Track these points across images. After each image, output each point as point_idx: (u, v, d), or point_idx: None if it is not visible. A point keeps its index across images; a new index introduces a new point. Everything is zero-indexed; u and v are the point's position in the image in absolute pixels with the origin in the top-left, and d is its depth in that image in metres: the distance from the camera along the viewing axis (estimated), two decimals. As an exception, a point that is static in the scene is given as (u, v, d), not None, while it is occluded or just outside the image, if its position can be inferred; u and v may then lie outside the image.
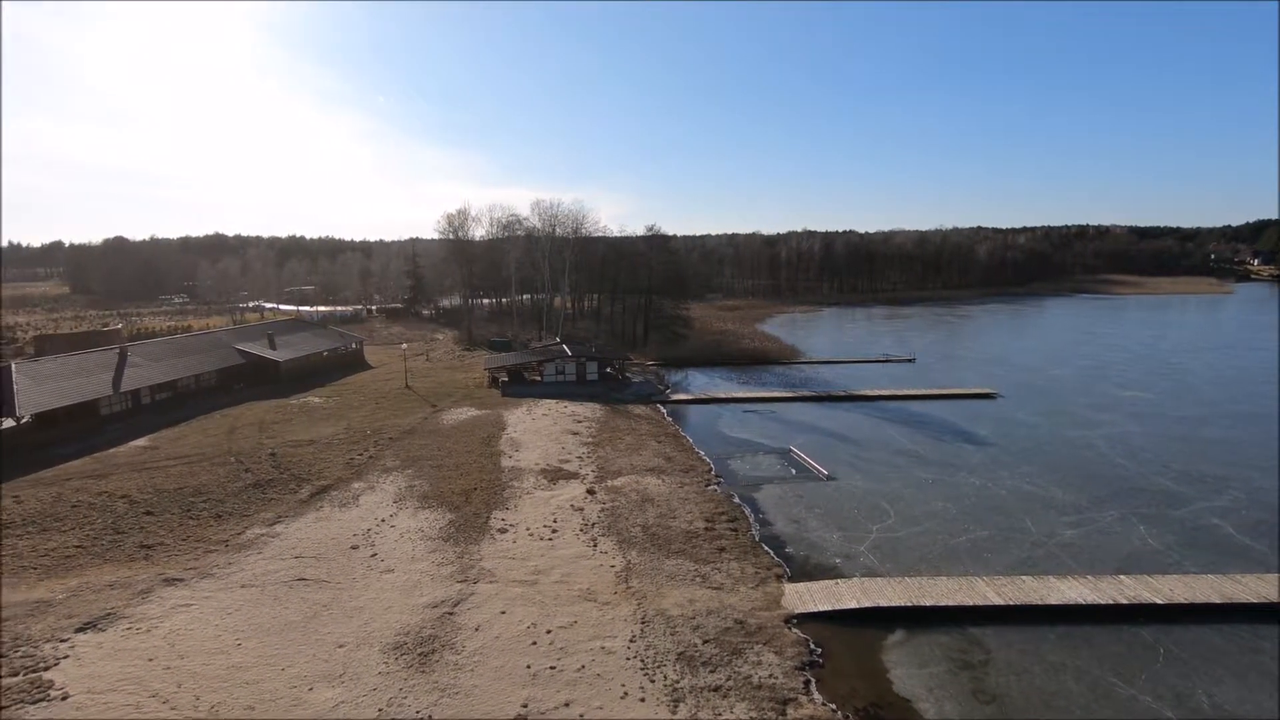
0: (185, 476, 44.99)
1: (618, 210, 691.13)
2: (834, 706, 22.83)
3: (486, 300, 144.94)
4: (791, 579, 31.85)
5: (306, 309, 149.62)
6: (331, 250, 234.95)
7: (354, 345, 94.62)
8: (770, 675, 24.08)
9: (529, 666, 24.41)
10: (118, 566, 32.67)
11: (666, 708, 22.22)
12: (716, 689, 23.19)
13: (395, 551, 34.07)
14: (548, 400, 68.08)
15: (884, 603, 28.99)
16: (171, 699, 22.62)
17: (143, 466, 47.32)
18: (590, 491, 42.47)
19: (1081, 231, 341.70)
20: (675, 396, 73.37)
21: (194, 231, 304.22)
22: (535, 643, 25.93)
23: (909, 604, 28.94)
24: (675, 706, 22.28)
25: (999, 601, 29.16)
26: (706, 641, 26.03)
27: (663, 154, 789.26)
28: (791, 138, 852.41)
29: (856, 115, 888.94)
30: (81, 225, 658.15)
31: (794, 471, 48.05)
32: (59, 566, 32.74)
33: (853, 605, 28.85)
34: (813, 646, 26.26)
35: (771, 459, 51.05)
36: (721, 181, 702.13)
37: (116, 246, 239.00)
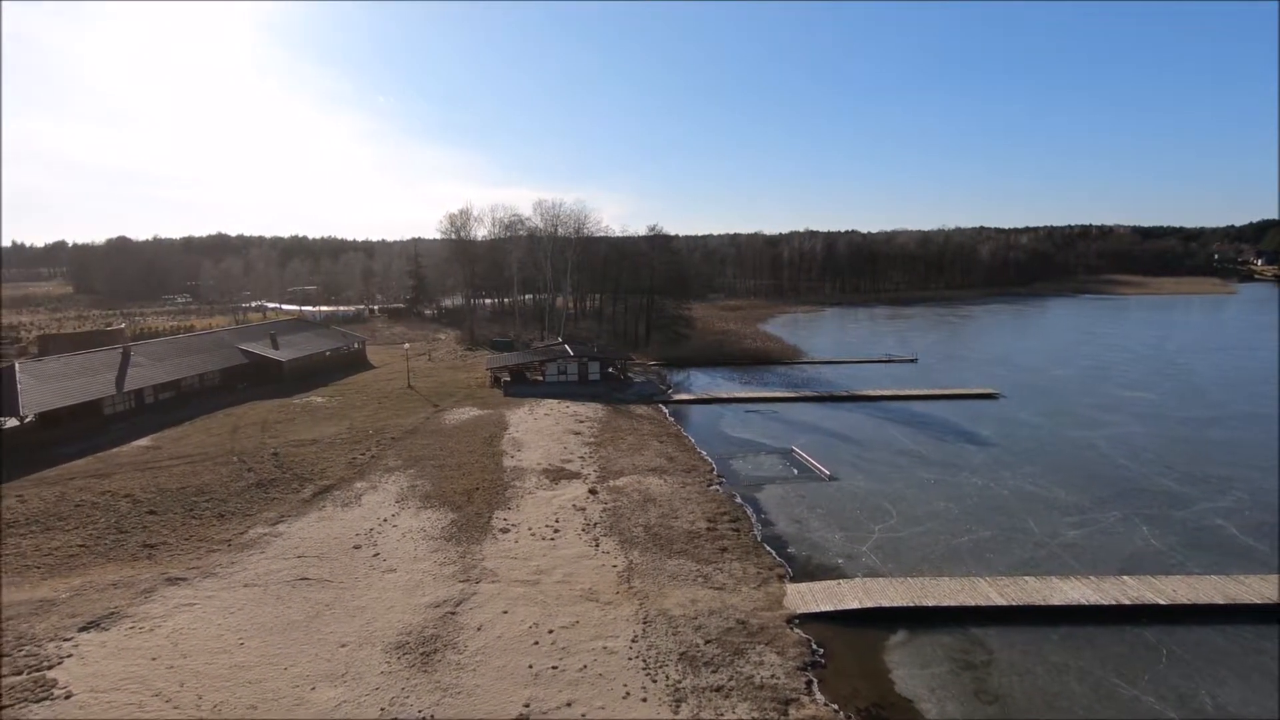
0: (188, 476, 45.10)
1: (618, 210, 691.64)
2: (836, 707, 22.83)
3: (489, 300, 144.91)
4: (793, 579, 31.84)
5: (309, 309, 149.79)
6: (334, 250, 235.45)
7: (356, 345, 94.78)
8: (772, 675, 24.08)
9: (531, 666, 24.43)
10: (121, 566, 32.76)
11: (669, 708, 22.23)
12: (718, 689, 23.19)
13: (397, 551, 34.13)
14: (550, 400, 68.13)
15: (886, 603, 28.97)
16: (174, 698, 22.68)
17: (146, 466, 47.44)
18: (592, 491, 42.48)
19: (1084, 231, 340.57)
20: (677, 396, 73.37)
21: (197, 231, 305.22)
22: (537, 642, 25.95)
23: (911, 604, 28.92)
24: (677, 706, 22.28)
25: (1001, 602, 29.12)
26: (708, 642, 26.03)
27: (662, 154, 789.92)
28: (791, 138, 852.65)
29: (856, 115, 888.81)
30: (85, 225, 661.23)
31: (796, 472, 48.03)
32: (62, 566, 32.85)
33: (855, 605, 28.84)
34: (815, 647, 26.26)
35: (773, 459, 51.03)
36: (722, 181, 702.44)
37: (119, 246, 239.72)
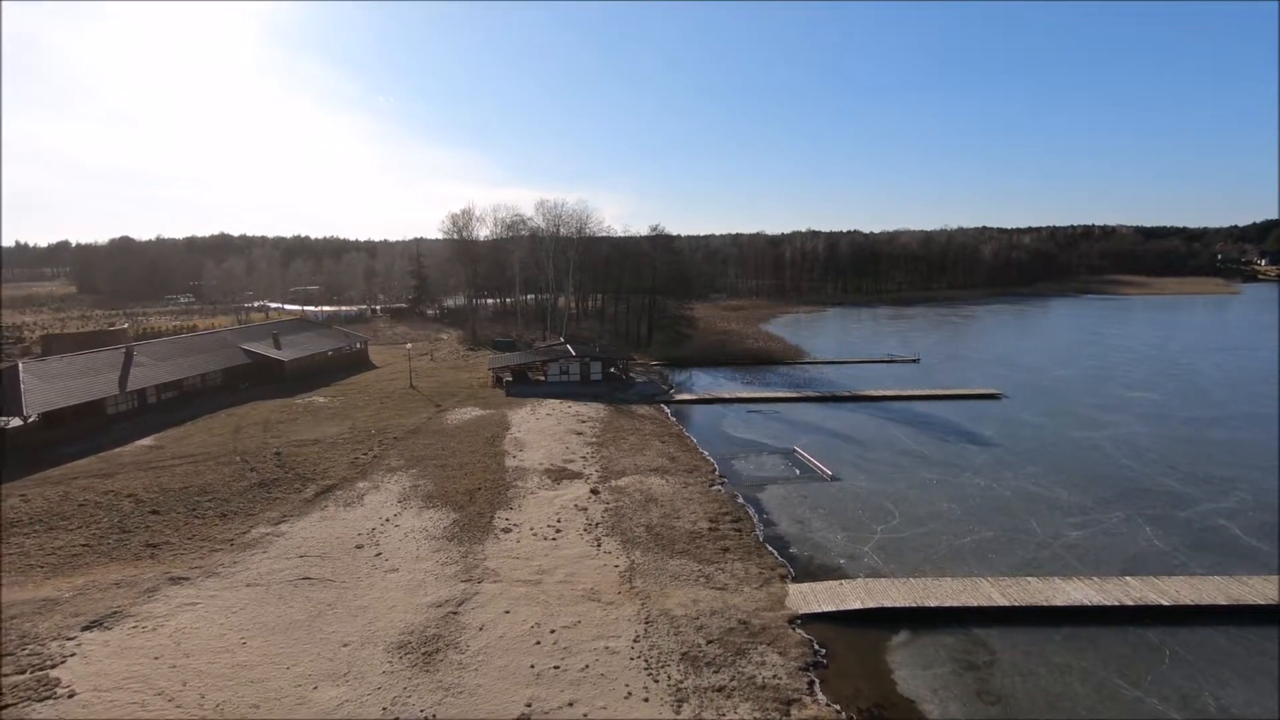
0: (191, 476, 45.19)
1: (620, 210, 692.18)
2: (838, 707, 22.80)
3: (491, 300, 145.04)
4: (795, 579, 31.82)
5: (311, 309, 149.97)
6: (336, 250, 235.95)
7: (358, 345, 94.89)
8: (774, 676, 24.06)
9: (533, 666, 24.44)
10: (124, 565, 32.83)
11: (670, 708, 22.22)
12: (720, 689, 23.18)
13: (400, 551, 34.16)
14: (552, 400, 68.15)
15: (888, 603, 28.94)
16: (177, 697, 22.72)
17: (148, 466, 47.54)
18: (594, 491, 42.49)
19: (1087, 231, 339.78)
20: (679, 396, 73.36)
21: (199, 231, 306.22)
22: (539, 642, 25.96)
23: (913, 605, 28.88)
24: (679, 707, 22.27)
25: (1004, 603, 29.07)
26: (710, 642, 26.02)
27: (662, 154, 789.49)
28: (791, 137, 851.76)
29: (856, 115, 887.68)
30: (88, 225, 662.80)
31: (798, 472, 47.99)
32: (66, 565, 32.93)
33: (857, 606, 28.81)
34: (817, 647, 26.23)
35: (775, 459, 51.00)
36: (722, 181, 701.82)
37: (122, 246, 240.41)
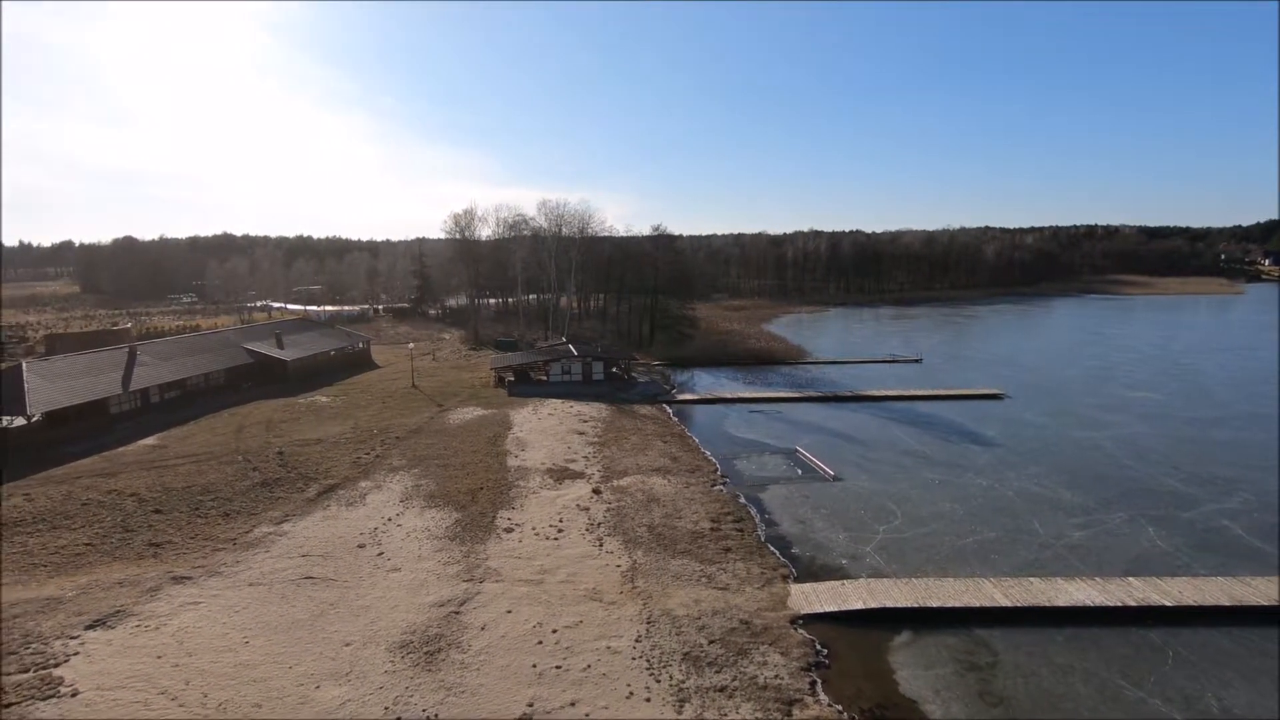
0: (193, 475, 45.27)
1: (622, 210, 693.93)
2: (840, 707, 22.80)
3: (493, 300, 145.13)
4: (797, 579, 31.81)
5: (314, 308, 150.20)
6: (339, 250, 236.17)
7: (361, 345, 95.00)
8: (776, 676, 24.06)
9: (535, 666, 24.46)
10: (127, 564, 32.90)
11: (672, 708, 22.23)
12: (722, 689, 23.18)
13: (402, 550, 34.19)
14: (554, 400, 68.17)
15: (890, 604, 28.92)
16: (180, 696, 22.77)
17: (151, 465, 47.64)
18: (596, 491, 42.50)
19: (1090, 231, 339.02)
20: (681, 396, 73.35)
21: (202, 231, 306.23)
22: (541, 642, 25.97)
23: (915, 605, 28.86)
24: (681, 706, 22.28)
25: (1006, 603, 29.04)
26: (712, 642, 26.02)
27: (663, 154, 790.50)
28: (791, 137, 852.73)
29: (856, 115, 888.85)
30: (91, 225, 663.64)
31: (800, 472, 47.97)
32: (69, 564, 33.01)
33: (859, 606, 28.79)
34: (818, 647, 26.21)
35: (777, 459, 50.97)
36: (722, 181, 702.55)
37: (126, 246, 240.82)
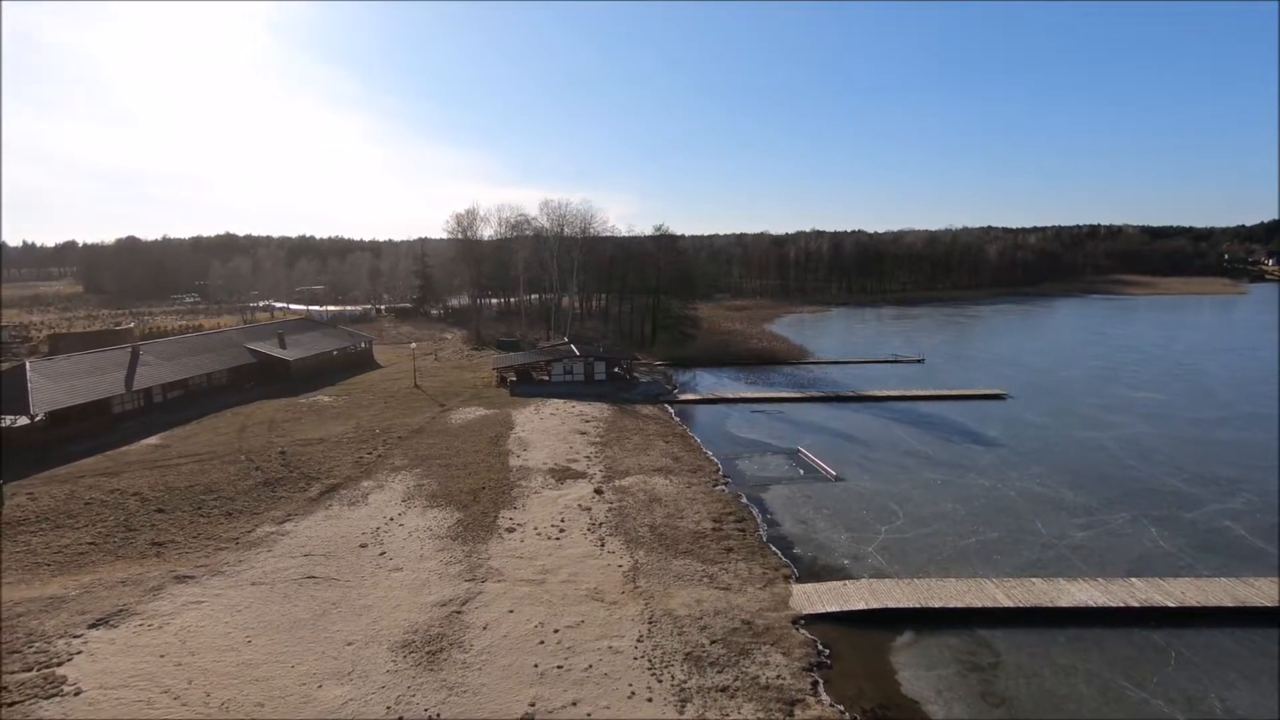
0: (196, 474, 45.35)
1: (624, 210, 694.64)
2: (842, 708, 22.78)
3: (495, 300, 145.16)
4: (799, 580, 31.78)
5: (316, 308, 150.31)
6: (341, 250, 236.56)
7: (363, 345, 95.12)
8: (778, 676, 24.04)
9: (536, 665, 24.47)
10: (130, 563, 32.97)
11: (674, 708, 22.23)
12: (724, 689, 23.17)
13: (404, 550, 34.23)
14: (555, 400, 68.19)
15: (892, 604, 28.88)
16: (182, 695, 22.81)
17: (154, 464, 47.74)
18: (598, 491, 42.50)
19: (1093, 231, 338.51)
20: (683, 396, 73.33)
21: (205, 231, 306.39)
22: (543, 642, 25.98)
23: (917, 605, 28.82)
24: (683, 706, 22.28)
25: (1008, 604, 28.99)
26: (714, 642, 26.01)
27: (663, 154, 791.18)
28: (791, 137, 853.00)
29: (856, 115, 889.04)
30: (94, 225, 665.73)
31: (802, 472, 47.93)
32: (72, 563, 33.09)
33: (861, 606, 28.76)
34: (820, 647, 26.19)
35: (779, 459, 50.94)
36: (723, 181, 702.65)
37: (129, 246, 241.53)
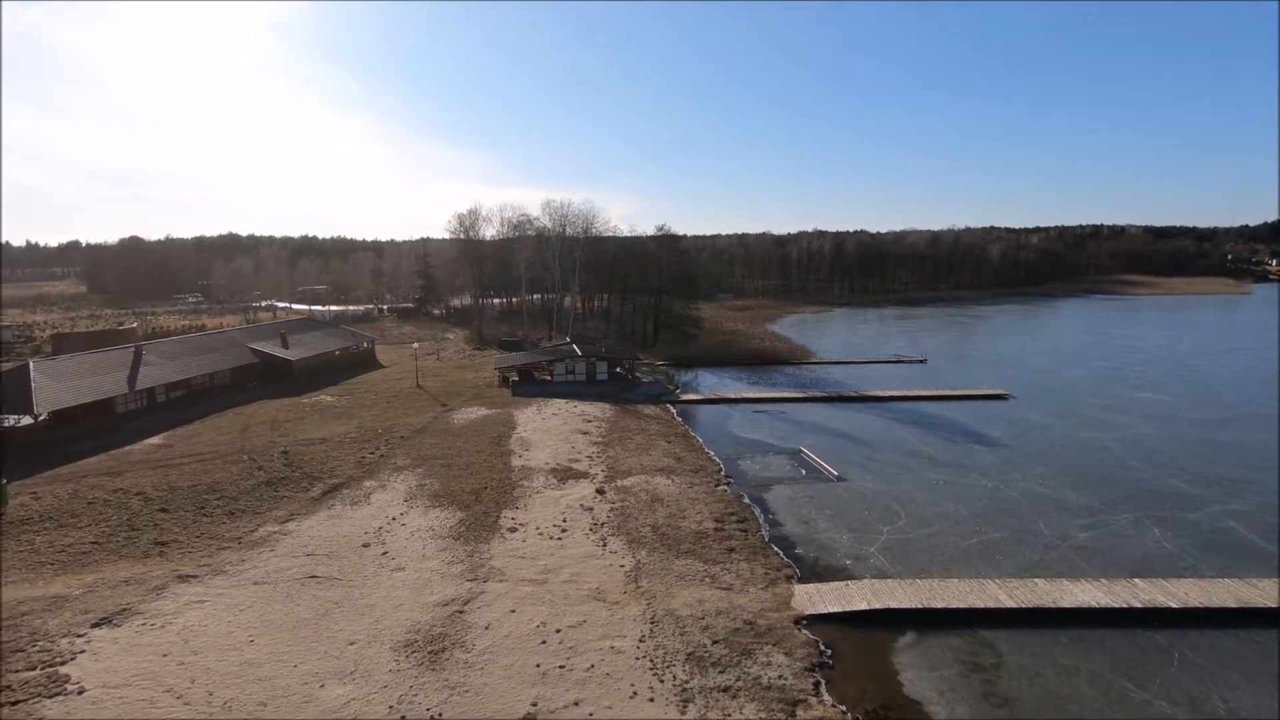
0: (199, 474, 45.43)
1: (626, 210, 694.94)
2: (844, 708, 22.76)
3: (497, 300, 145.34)
4: (801, 580, 31.76)
5: (319, 308, 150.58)
6: (343, 250, 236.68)
7: (365, 344, 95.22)
8: (780, 676, 24.03)
9: (538, 665, 24.48)
10: (133, 563, 33.04)
11: (676, 708, 22.22)
12: (726, 689, 23.16)
13: (406, 550, 34.26)
14: (558, 400, 68.21)
15: (894, 604, 28.85)
16: (185, 694, 22.85)
17: (157, 464, 47.83)
18: (600, 491, 42.51)
19: (1096, 231, 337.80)
20: (685, 396, 73.33)
21: (208, 231, 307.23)
22: (545, 641, 26.00)
23: (920, 606, 28.79)
24: (684, 707, 22.27)
25: (1011, 604, 28.94)
26: (716, 642, 26.00)
27: (663, 154, 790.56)
28: (792, 137, 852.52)
29: (856, 115, 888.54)
30: (98, 225, 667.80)
31: (804, 472, 47.90)
32: (75, 562, 33.17)
33: (863, 607, 28.73)
34: (822, 648, 26.17)
35: (781, 459, 50.91)
36: (723, 181, 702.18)
37: (132, 246, 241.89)
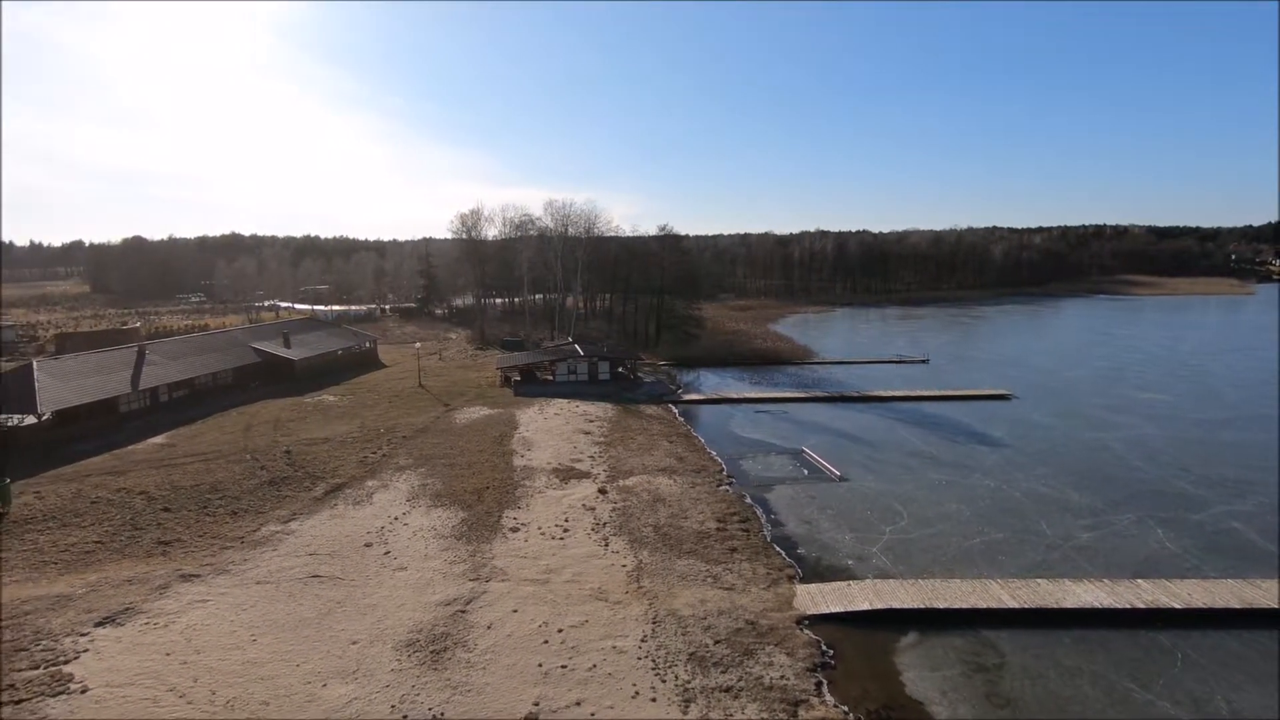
0: (202, 474, 45.51)
1: (627, 210, 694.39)
2: (846, 708, 22.74)
3: (499, 300, 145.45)
4: (803, 580, 31.73)
5: (321, 308, 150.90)
6: (346, 250, 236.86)
7: (368, 344, 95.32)
8: (782, 676, 24.01)
9: (540, 665, 24.48)
10: (136, 562, 33.11)
11: (678, 708, 22.21)
12: (728, 689, 23.14)
13: (408, 549, 34.29)
14: (560, 400, 68.23)
15: (897, 605, 28.82)
16: (188, 693, 22.89)
17: (160, 463, 47.93)
18: (602, 491, 42.52)
19: (1099, 231, 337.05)
20: (687, 396, 73.32)
21: (211, 231, 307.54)
22: (547, 641, 26.00)
23: (922, 606, 28.75)
24: (686, 707, 22.25)
25: (1013, 605, 28.89)
26: (718, 642, 25.99)
27: (664, 154, 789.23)
28: (792, 137, 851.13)
29: (856, 115, 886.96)
30: (101, 225, 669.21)
31: (806, 472, 47.87)
32: (79, 562, 33.24)
33: (865, 607, 28.70)
34: (824, 648, 26.14)
35: (783, 459, 50.88)
36: (723, 181, 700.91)
37: (135, 246, 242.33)
